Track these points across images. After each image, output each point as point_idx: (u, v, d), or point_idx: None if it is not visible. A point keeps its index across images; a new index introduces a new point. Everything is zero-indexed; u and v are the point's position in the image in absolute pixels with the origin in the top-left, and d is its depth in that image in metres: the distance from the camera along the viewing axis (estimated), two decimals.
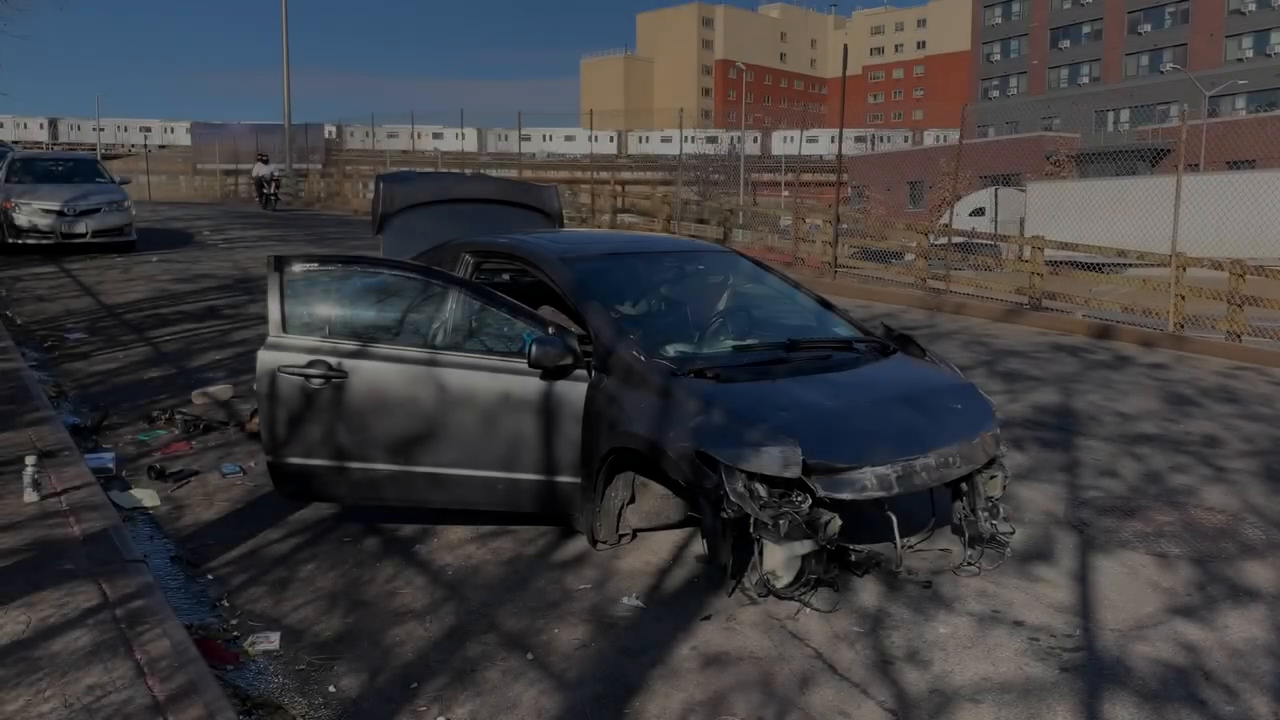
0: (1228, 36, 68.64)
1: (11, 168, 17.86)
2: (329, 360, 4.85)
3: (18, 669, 3.56)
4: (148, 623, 3.88)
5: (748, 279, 6.22)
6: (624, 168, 67.81)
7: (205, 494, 5.96)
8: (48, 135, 73.69)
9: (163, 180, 54.40)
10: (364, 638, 4.21)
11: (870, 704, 3.70)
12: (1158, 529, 5.44)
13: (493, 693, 3.77)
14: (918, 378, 5.25)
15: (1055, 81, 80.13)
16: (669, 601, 4.52)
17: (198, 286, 13.98)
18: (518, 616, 4.39)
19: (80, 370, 9.06)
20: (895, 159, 55.78)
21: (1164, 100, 62.32)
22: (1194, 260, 12.22)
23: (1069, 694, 3.77)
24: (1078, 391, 8.86)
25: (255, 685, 3.83)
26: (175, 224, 24.41)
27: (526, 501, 4.94)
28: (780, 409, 4.50)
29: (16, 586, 4.21)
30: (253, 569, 4.91)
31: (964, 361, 9.80)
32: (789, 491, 4.26)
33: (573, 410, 4.78)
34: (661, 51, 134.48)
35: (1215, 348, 11.41)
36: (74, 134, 75.29)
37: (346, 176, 36.07)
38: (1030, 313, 13.67)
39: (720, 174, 51.95)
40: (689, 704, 3.70)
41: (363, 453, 4.89)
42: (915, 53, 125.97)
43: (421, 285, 5.10)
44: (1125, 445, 7.08)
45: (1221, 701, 3.74)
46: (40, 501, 5.17)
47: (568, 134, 76.71)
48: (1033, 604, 4.52)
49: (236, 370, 8.77)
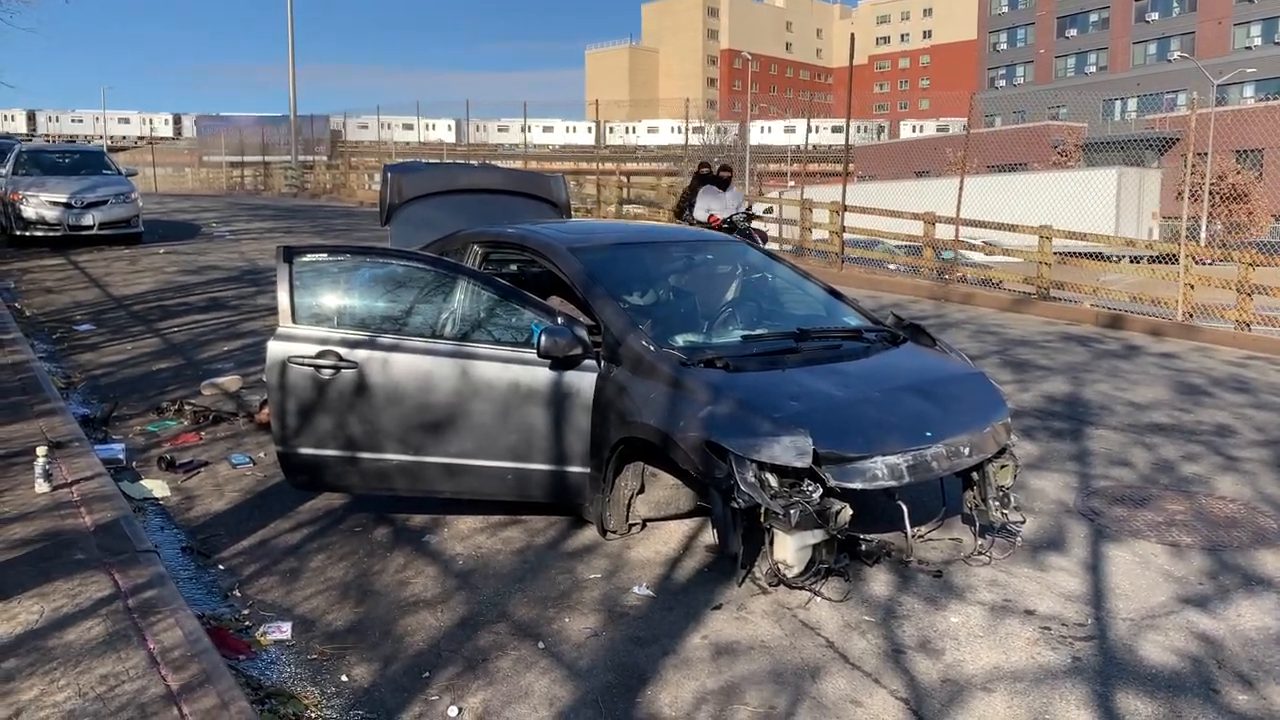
0: (1236, 24, 68.22)
1: (18, 160, 17.86)
2: (339, 351, 4.85)
3: (32, 658, 3.57)
4: (160, 612, 3.89)
5: (756, 268, 6.21)
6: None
7: (215, 485, 5.97)
8: (25, 127, 73.90)
9: (169, 172, 54.62)
10: (375, 627, 4.21)
11: (882, 693, 3.69)
12: (1169, 518, 5.43)
13: (505, 682, 3.77)
14: (928, 367, 5.24)
15: (1062, 70, 79.73)
16: (679, 591, 4.52)
17: (205, 278, 13.99)
18: (529, 606, 4.39)
19: (89, 362, 9.08)
20: (902, 149, 55.67)
21: (1172, 89, 62.01)
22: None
23: (1081, 683, 3.76)
24: (1088, 381, 8.84)
25: (268, 675, 3.84)
26: (182, 216, 24.45)
27: (536, 491, 4.95)
28: (791, 399, 4.50)
29: (29, 576, 4.22)
30: (264, 559, 4.92)
31: (973, 351, 9.78)
32: (799, 481, 4.26)
33: (582, 400, 4.78)
34: (666, 41, 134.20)
35: (1225, 337, 11.37)
36: (52, 125, 75.61)
37: (352, 168, 36.05)
38: (1039, 302, 13.63)
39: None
40: (701, 693, 3.70)
41: (373, 443, 4.89)
42: (921, 42, 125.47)
43: (430, 276, 5.10)
44: (1136, 434, 7.06)
45: (1235, 691, 3.73)
46: (51, 492, 5.18)
47: (545, 124, 77.18)
48: (1044, 593, 4.51)
49: (245, 361, 8.78)
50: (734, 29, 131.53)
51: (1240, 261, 11.75)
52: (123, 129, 77.14)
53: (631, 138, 77.41)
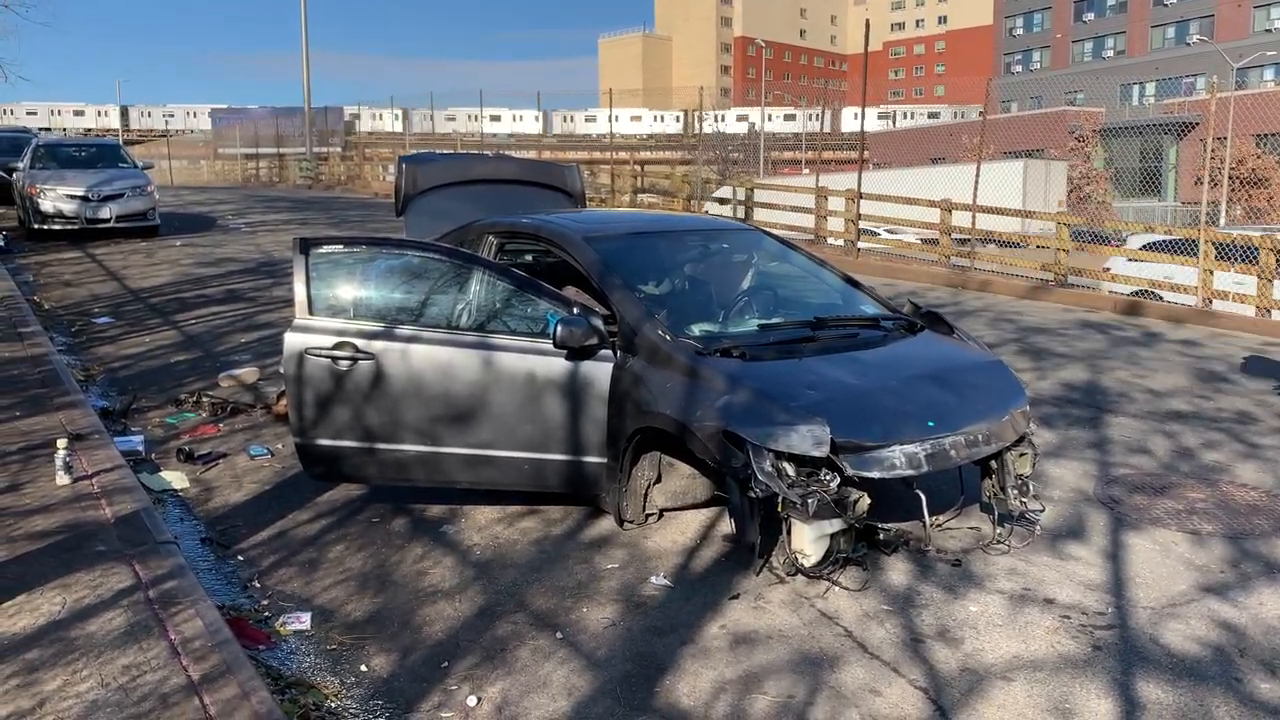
0: (1256, 6, 67.39)
1: (36, 154, 17.98)
2: (355, 342, 4.86)
3: (55, 649, 3.60)
4: (180, 603, 3.92)
5: (772, 257, 6.18)
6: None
7: (234, 476, 6.00)
8: (118, 123, 74.91)
9: (184, 165, 54.82)
10: (394, 618, 4.23)
11: (901, 682, 3.68)
12: (1190, 506, 5.39)
13: (523, 671, 3.78)
14: (946, 355, 5.21)
15: (1079, 55, 78.99)
16: (697, 581, 4.52)
17: (222, 270, 14.05)
18: (546, 596, 4.40)
19: (108, 354, 9.14)
20: (917, 135, 55.30)
21: (1190, 73, 61.41)
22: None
23: (1101, 672, 3.74)
24: (1106, 368, 8.77)
25: (288, 665, 3.87)
26: (197, 208, 24.55)
27: (554, 481, 4.95)
28: (808, 387, 4.48)
29: (51, 568, 4.26)
30: (282, 550, 4.95)
31: (991, 339, 9.73)
32: (817, 470, 4.24)
33: (598, 390, 4.77)
34: (680, 29, 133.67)
35: (1245, 323, 11.27)
36: (145, 120, 77.32)
37: (366, 159, 36.12)
38: (1056, 289, 13.54)
39: (739, 153, 51.72)
40: (719, 682, 3.69)
41: (390, 434, 4.90)
42: (936, 28, 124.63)
43: (446, 266, 5.10)
44: (1156, 422, 7.01)
45: (1258, 679, 3.70)
46: (72, 484, 5.22)
47: (493, 114, 77.76)
48: (1064, 582, 4.49)
49: (262, 353, 8.82)
50: (748, 16, 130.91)
51: (1262, 247, 11.63)
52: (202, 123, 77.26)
53: (619, 126, 78.13)
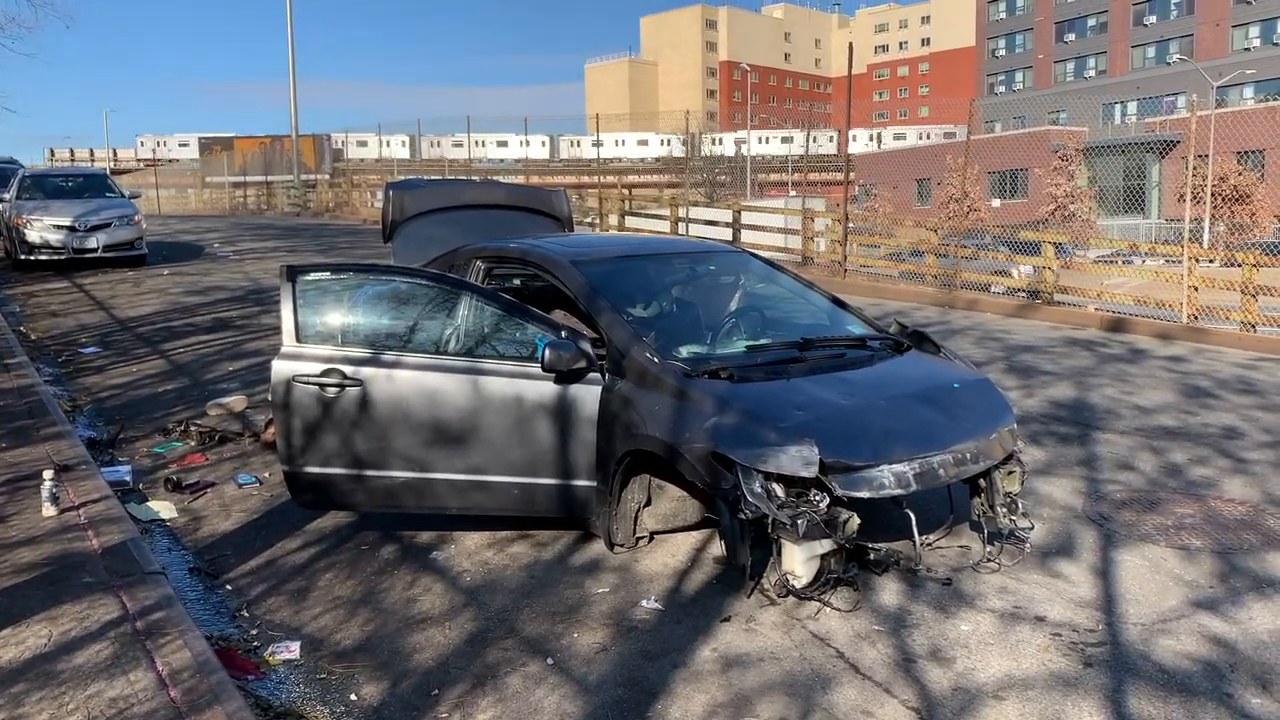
0: (1234, 26, 68.28)
1: (22, 185, 17.98)
2: (343, 369, 4.85)
3: (41, 682, 3.56)
4: (168, 634, 3.89)
5: (760, 279, 6.21)
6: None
7: (222, 505, 5.97)
8: (409, 153, 69.19)
9: (172, 194, 54.84)
10: (384, 645, 4.20)
11: (894, 703, 3.67)
12: (1178, 522, 5.40)
13: (514, 699, 3.76)
14: (933, 374, 5.23)
15: (1061, 75, 79.80)
16: (688, 603, 4.51)
17: (209, 299, 14.03)
18: (537, 621, 4.38)
19: (95, 384, 9.10)
20: (902, 156, 55.67)
21: (1171, 91, 62.06)
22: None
23: (1093, 689, 3.74)
24: (1094, 385, 8.81)
25: (277, 695, 3.83)
26: (185, 237, 24.52)
27: (543, 505, 4.94)
28: (796, 408, 4.49)
29: (37, 600, 4.22)
30: (271, 579, 4.92)
31: (978, 357, 9.77)
32: (806, 491, 4.24)
33: (587, 414, 4.77)
34: (665, 54, 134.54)
35: (1231, 339, 11.35)
36: (433, 150, 70.99)
37: (355, 186, 36.18)
38: (1043, 307, 13.62)
39: (726, 175, 52.00)
40: (711, 706, 3.68)
41: (379, 460, 4.89)
42: (919, 50, 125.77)
43: (434, 292, 5.11)
44: (1144, 438, 7.04)
45: (1249, 695, 3.71)
46: (59, 515, 5.18)
47: (499, 139, 77.90)
48: (1054, 599, 4.49)
49: (250, 381, 8.79)
50: (733, 40, 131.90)
51: (1245, 263, 11.74)
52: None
53: (578, 151, 78.56)
